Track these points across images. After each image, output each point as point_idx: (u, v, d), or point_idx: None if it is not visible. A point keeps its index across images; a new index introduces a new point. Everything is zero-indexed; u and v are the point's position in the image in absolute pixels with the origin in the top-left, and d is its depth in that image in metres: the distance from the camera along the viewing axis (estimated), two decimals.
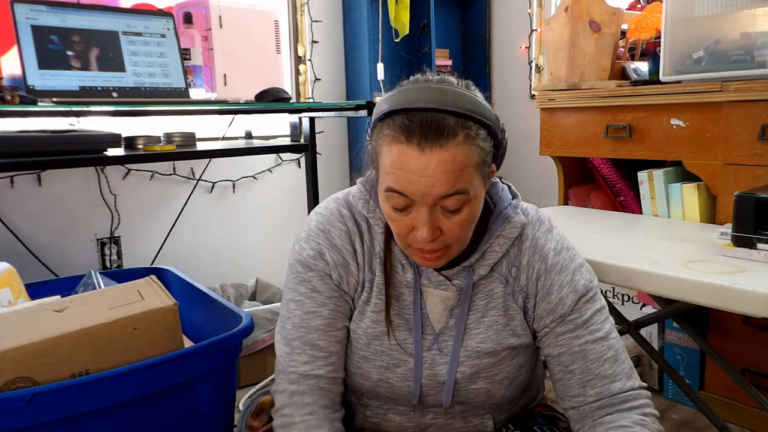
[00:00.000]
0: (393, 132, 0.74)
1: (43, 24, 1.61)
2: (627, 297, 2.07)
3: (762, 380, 1.67)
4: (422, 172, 0.72)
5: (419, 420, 0.90)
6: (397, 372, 0.86)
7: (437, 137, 0.72)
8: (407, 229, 0.78)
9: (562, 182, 2.11)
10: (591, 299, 0.87)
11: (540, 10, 2.79)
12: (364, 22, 2.66)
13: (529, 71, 2.87)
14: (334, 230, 0.88)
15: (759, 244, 1.17)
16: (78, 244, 2.16)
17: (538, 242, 0.88)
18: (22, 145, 1.45)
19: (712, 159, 1.61)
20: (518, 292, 0.87)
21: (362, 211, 0.88)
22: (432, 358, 0.86)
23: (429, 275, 0.86)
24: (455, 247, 0.80)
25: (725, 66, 1.58)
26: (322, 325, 0.87)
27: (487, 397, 0.87)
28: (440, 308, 0.87)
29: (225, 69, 1.96)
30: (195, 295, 1.46)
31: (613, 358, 0.85)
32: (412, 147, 0.72)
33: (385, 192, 0.77)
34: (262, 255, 2.61)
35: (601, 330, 0.85)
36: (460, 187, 0.74)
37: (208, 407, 1.13)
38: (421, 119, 0.72)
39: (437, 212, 0.76)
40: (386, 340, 0.87)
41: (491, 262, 0.86)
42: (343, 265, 0.87)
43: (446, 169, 0.72)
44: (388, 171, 0.75)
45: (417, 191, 0.73)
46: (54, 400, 0.92)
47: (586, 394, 0.85)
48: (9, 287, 1.26)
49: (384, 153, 0.76)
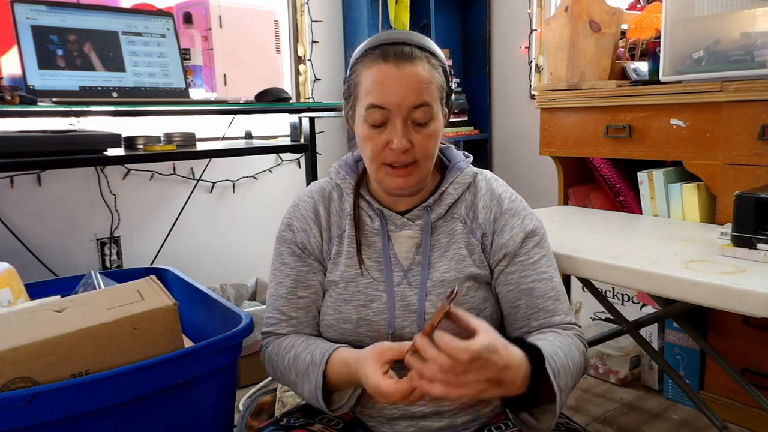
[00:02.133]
0: (372, 59, 0.90)
1: (43, 24, 1.61)
2: (627, 297, 2.07)
3: (762, 380, 1.67)
4: (398, 83, 0.88)
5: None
6: (373, 307, 0.96)
7: (408, 57, 0.89)
8: (382, 145, 0.91)
9: (562, 182, 2.11)
10: (539, 244, 0.99)
11: (540, 10, 2.79)
12: (364, 22, 2.66)
13: (529, 71, 2.87)
14: (301, 203, 1.04)
15: (759, 244, 1.17)
16: (78, 244, 2.16)
17: (494, 190, 1.02)
18: (22, 145, 1.45)
19: (712, 159, 1.61)
20: (476, 229, 0.99)
21: (336, 180, 1.03)
22: (403, 291, 0.97)
23: (394, 220, 0.99)
24: (423, 166, 0.93)
25: (725, 66, 1.58)
26: (285, 294, 1.01)
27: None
28: (406, 247, 0.99)
29: (225, 69, 1.96)
30: (195, 295, 1.45)
31: (555, 297, 0.97)
32: (389, 65, 0.89)
33: (366, 111, 0.90)
34: (262, 255, 2.60)
35: (547, 273, 0.98)
36: (427, 99, 0.90)
37: (208, 407, 1.13)
38: (395, 48, 0.90)
39: (408, 126, 0.90)
40: (361, 281, 0.98)
41: (448, 203, 0.99)
42: (305, 230, 1.02)
43: (417, 80, 0.89)
44: (369, 90, 0.90)
45: (393, 101, 0.88)
46: (54, 400, 0.92)
47: (530, 325, 0.96)
48: (9, 287, 1.26)
49: (364, 77, 0.91)
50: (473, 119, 3.09)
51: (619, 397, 1.95)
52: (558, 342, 0.89)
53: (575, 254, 1.28)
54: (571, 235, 1.51)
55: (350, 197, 1.02)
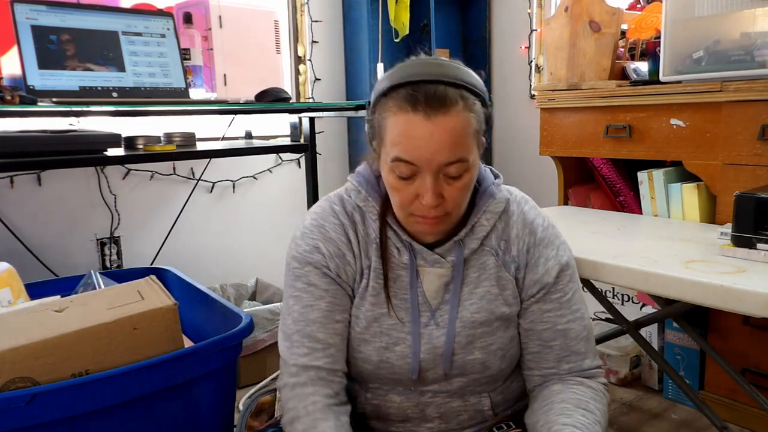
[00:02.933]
0: (399, 103, 0.79)
1: (43, 24, 1.61)
2: (627, 297, 2.07)
3: (762, 380, 1.67)
4: (429, 138, 0.78)
5: (418, 399, 0.93)
6: (396, 351, 0.89)
7: (441, 105, 0.77)
8: (411, 197, 0.82)
9: (562, 182, 2.11)
10: (572, 277, 0.94)
11: (540, 10, 2.79)
12: (364, 22, 2.66)
13: (529, 71, 2.87)
14: (328, 224, 0.92)
15: (759, 244, 1.17)
16: (78, 244, 2.16)
17: (526, 217, 0.94)
18: (22, 145, 1.45)
19: (712, 159, 1.61)
20: (510, 262, 0.92)
21: (356, 202, 0.92)
22: (429, 332, 0.90)
23: (424, 255, 0.90)
24: (453, 214, 0.85)
25: (725, 66, 1.58)
26: (320, 318, 0.89)
27: (483, 368, 0.91)
28: (436, 285, 0.91)
29: (225, 69, 1.96)
30: (195, 295, 1.46)
31: (587, 337, 0.93)
32: (419, 115, 0.78)
33: (391, 162, 0.81)
34: (262, 255, 2.61)
35: (580, 310, 0.93)
36: (462, 155, 0.80)
37: (208, 407, 1.13)
38: (425, 90, 0.78)
39: (440, 179, 0.81)
40: (385, 321, 0.90)
41: (481, 236, 0.91)
42: (339, 256, 0.90)
43: (450, 135, 0.78)
44: (396, 141, 0.80)
45: (423, 158, 0.79)
46: (54, 400, 0.92)
47: (560, 367, 0.93)
48: (9, 287, 1.26)
49: (390, 125, 0.81)
50: None
51: (619, 397, 1.95)
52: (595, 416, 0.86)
53: (575, 254, 1.27)
54: (571, 235, 1.51)
55: (375, 224, 0.91)
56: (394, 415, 0.94)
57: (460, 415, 0.94)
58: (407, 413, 0.93)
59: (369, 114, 0.87)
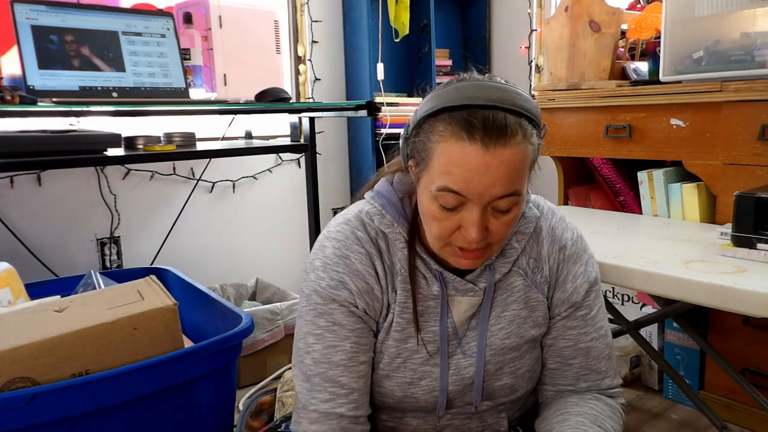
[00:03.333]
0: (452, 128, 0.71)
1: (43, 24, 1.61)
2: (627, 297, 2.07)
3: (762, 380, 1.67)
4: (485, 171, 0.70)
5: (436, 422, 0.89)
6: (421, 385, 0.84)
7: (500, 136, 0.70)
8: (452, 229, 0.75)
9: (562, 182, 2.11)
10: (597, 293, 0.90)
11: (540, 10, 2.79)
12: (364, 22, 2.66)
13: (529, 71, 2.87)
14: (354, 255, 0.83)
15: (759, 244, 1.17)
16: (78, 244, 2.16)
17: (555, 232, 0.88)
18: (22, 145, 1.45)
19: (712, 159, 1.61)
20: (542, 283, 0.87)
21: (379, 227, 0.84)
22: (457, 362, 0.85)
23: (455, 285, 0.84)
24: (495, 247, 0.79)
25: (725, 66, 1.58)
26: (344, 360, 0.81)
27: (510, 392, 0.88)
28: (465, 315, 0.85)
29: (225, 69, 1.96)
30: (195, 295, 1.46)
31: (608, 355, 0.90)
32: (475, 145, 0.70)
33: (437, 191, 0.73)
34: (262, 255, 2.61)
35: (604, 327, 0.90)
36: (516, 188, 0.73)
37: (208, 407, 1.13)
38: (483, 116, 0.70)
39: (488, 212, 0.74)
40: (409, 356, 0.84)
41: (512, 259, 0.85)
42: (367, 291, 0.83)
43: (508, 169, 0.71)
44: (446, 170, 0.72)
45: (476, 191, 0.71)
46: (54, 400, 0.92)
47: (578, 385, 0.90)
48: (9, 287, 1.26)
49: (440, 150, 0.72)
50: None
51: None
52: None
53: None
54: None
55: (401, 252, 0.83)
56: None
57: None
58: None
59: (409, 132, 0.79)
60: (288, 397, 1.56)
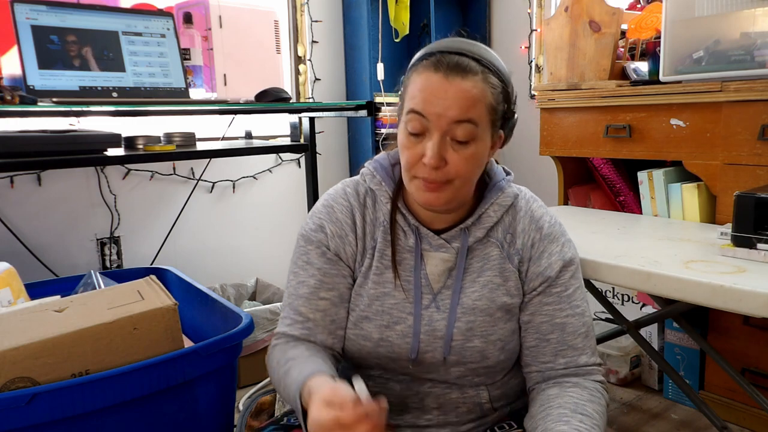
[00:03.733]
0: (425, 66, 0.85)
1: (43, 24, 1.61)
2: (627, 297, 2.07)
3: (762, 380, 1.67)
4: (443, 95, 0.82)
5: (418, 388, 0.95)
6: (396, 329, 0.92)
7: (461, 71, 0.83)
8: (417, 157, 0.85)
9: (562, 182, 2.11)
10: (574, 274, 0.95)
11: (540, 10, 2.79)
12: (364, 22, 2.66)
13: (529, 71, 2.87)
14: (337, 206, 0.97)
15: (759, 244, 1.17)
16: (78, 244, 2.16)
17: (534, 213, 0.96)
18: (22, 145, 1.45)
19: (712, 159, 1.61)
20: (514, 255, 0.95)
21: (369, 185, 0.96)
22: (430, 315, 0.93)
23: (429, 240, 0.93)
24: (456, 185, 0.86)
25: (725, 66, 1.58)
26: (306, 293, 0.94)
27: (481, 358, 0.92)
28: (439, 270, 0.94)
29: (225, 69, 1.96)
30: (195, 295, 1.46)
31: (585, 333, 0.94)
32: (439, 74, 0.83)
33: (406, 115, 0.85)
34: (262, 255, 2.61)
35: (580, 306, 0.94)
36: (472, 117, 0.83)
37: (208, 407, 1.13)
38: (449, 59, 0.83)
39: (447, 143, 0.84)
40: (387, 300, 0.93)
41: (487, 226, 0.94)
42: (341, 237, 0.95)
43: (464, 96, 0.82)
44: (413, 95, 0.84)
45: (434, 111, 0.82)
46: (54, 400, 0.92)
47: (556, 362, 0.93)
48: (9, 287, 1.26)
49: (413, 81, 0.86)
50: None
51: (619, 397, 1.95)
52: (593, 419, 0.85)
53: None
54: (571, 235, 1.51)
55: (385, 207, 0.95)
56: (394, 405, 0.95)
57: (458, 407, 0.95)
58: (407, 402, 0.95)
59: (400, 82, 0.92)
60: None
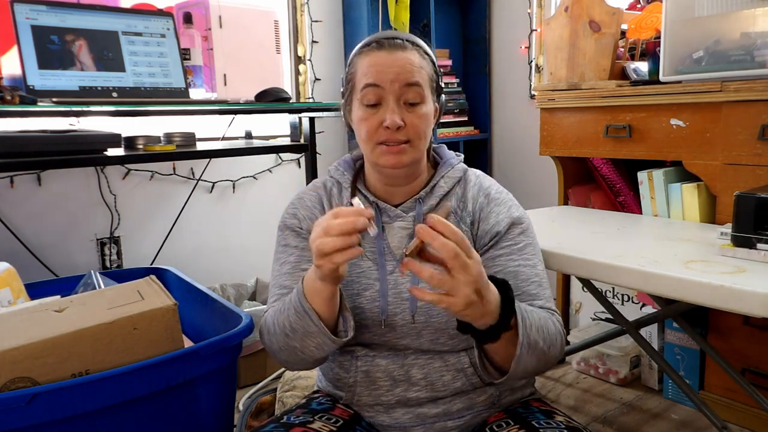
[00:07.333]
0: (369, 49, 0.98)
1: (43, 24, 1.61)
2: (627, 297, 2.07)
3: (762, 380, 1.67)
4: (392, 64, 0.96)
5: (402, 361, 1.00)
6: (366, 295, 1.00)
7: (400, 47, 0.98)
8: (377, 125, 0.96)
9: (562, 182, 2.11)
10: (524, 232, 1.03)
11: (540, 10, 2.79)
12: (364, 22, 2.66)
13: (529, 71, 2.87)
14: (306, 196, 1.10)
15: (759, 244, 1.17)
16: (78, 244, 2.16)
17: (482, 183, 1.07)
18: (22, 145, 1.45)
19: (712, 159, 1.61)
20: (466, 216, 1.04)
21: (334, 175, 1.09)
22: (395, 279, 1.01)
23: (388, 212, 1.04)
24: (415, 145, 0.97)
25: (725, 66, 1.58)
26: (289, 269, 1.04)
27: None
28: (399, 237, 1.03)
29: (225, 69, 1.96)
30: (195, 295, 1.46)
31: (538, 283, 1.00)
32: (383, 52, 0.97)
33: (361, 92, 0.97)
34: (262, 255, 2.60)
35: (532, 260, 1.01)
36: (418, 80, 0.96)
37: (208, 407, 1.13)
38: (389, 41, 0.98)
39: (401, 106, 0.96)
40: (354, 270, 1.01)
41: (439, 194, 1.04)
42: (311, 218, 1.06)
43: (408, 63, 0.96)
44: (365, 72, 0.97)
45: (387, 79, 0.95)
46: (54, 400, 0.92)
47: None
48: (9, 287, 1.26)
49: (360, 64, 0.98)
50: (473, 119, 3.08)
51: (619, 397, 1.95)
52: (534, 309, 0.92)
53: (575, 254, 1.28)
54: (571, 235, 1.51)
55: (347, 191, 1.07)
56: (383, 380, 1.00)
57: (443, 374, 0.99)
58: (394, 376, 1.00)
59: (345, 74, 1.03)
60: (288, 397, 1.56)
